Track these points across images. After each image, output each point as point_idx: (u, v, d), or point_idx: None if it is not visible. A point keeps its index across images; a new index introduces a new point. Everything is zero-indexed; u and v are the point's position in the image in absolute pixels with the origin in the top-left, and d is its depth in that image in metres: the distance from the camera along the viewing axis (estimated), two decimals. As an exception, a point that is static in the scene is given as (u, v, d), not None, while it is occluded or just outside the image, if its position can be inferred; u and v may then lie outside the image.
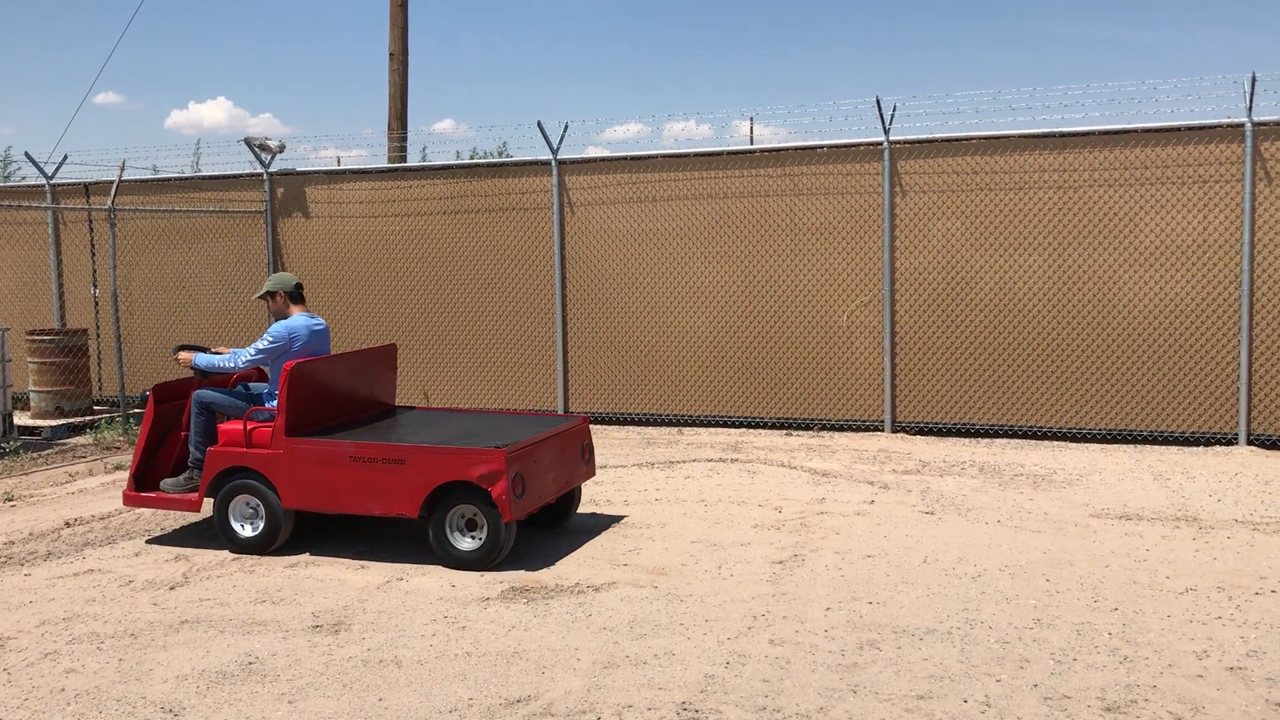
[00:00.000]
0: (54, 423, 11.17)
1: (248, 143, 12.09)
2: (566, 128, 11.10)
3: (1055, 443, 9.65)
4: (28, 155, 12.44)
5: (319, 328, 7.06)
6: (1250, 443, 9.22)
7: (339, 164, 12.72)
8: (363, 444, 6.35)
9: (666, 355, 10.95)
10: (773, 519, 7.16)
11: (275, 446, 6.49)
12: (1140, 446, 9.41)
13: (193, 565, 6.37)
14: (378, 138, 16.04)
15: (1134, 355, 9.53)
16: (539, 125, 11.01)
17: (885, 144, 10.11)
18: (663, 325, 10.93)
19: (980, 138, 9.91)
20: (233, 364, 6.83)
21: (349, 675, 4.67)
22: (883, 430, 10.27)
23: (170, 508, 6.83)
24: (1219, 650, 4.73)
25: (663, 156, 10.96)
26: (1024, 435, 9.87)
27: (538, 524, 7.02)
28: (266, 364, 6.90)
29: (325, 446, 6.43)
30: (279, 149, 12.27)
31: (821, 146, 10.40)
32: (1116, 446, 9.44)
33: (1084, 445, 9.52)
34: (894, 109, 10.06)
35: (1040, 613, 5.24)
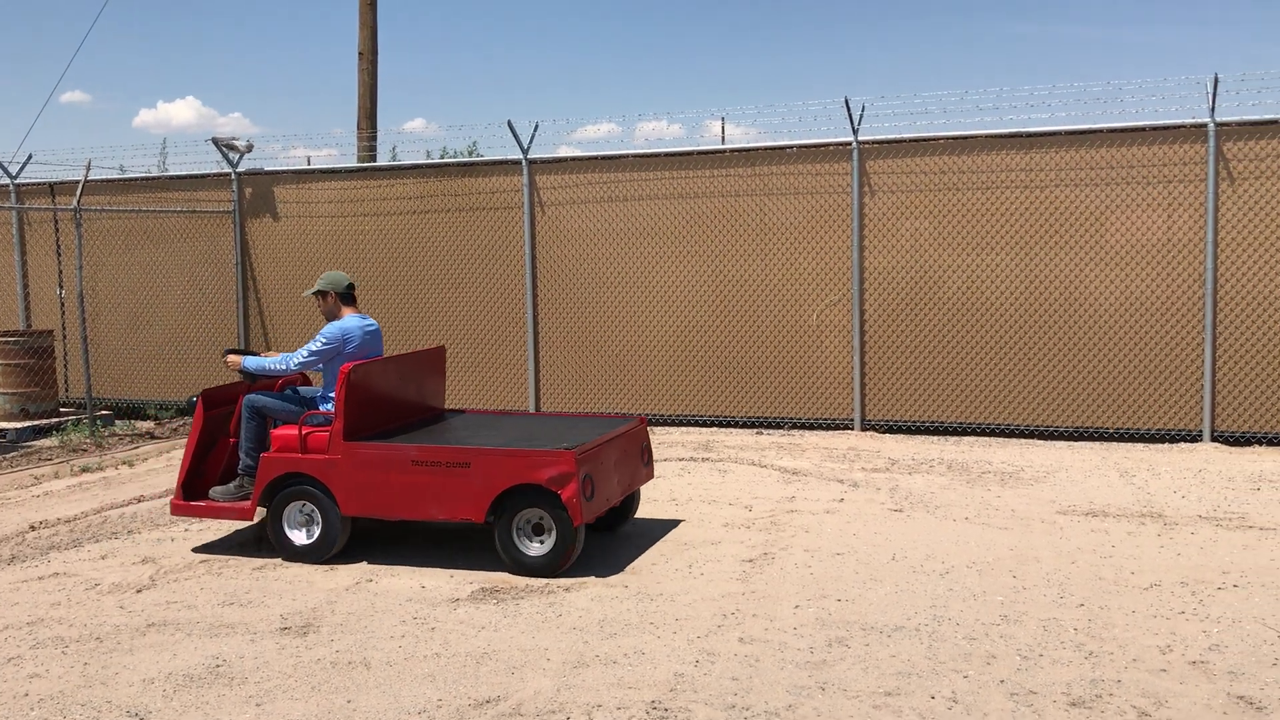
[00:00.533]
0: (19, 425, 11.05)
1: (215, 142, 12.00)
2: (537, 127, 11.10)
3: (1022, 440, 9.73)
4: (-9, 154, 12.30)
5: (372, 329, 6.87)
6: (1214, 439, 9.33)
7: (309, 163, 12.65)
8: (426, 447, 6.17)
9: (638, 354, 10.96)
10: (743, 517, 7.18)
11: (333, 451, 6.28)
12: (1106, 444, 9.50)
13: (160, 568, 6.33)
14: (347, 137, 15.96)
15: (1100, 354, 9.62)
16: (509, 125, 11.00)
17: (854, 144, 10.16)
18: (634, 324, 10.94)
19: (948, 138, 9.98)
20: (284, 367, 6.64)
21: (317, 677, 4.65)
22: (852, 429, 10.32)
23: (221, 517, 6.63)
24: (1182, 645, 4.79)
25: (633, 156, 10.96)
26: (992, 433, 9.95)
27: (594, 528, 6.82)
28: (318, 366, 6.70)
29: (386, 451, 6.22)
30: (247, 148, 12.19)
31: (791, 146, 10.44)
32: (1083, 444, 9.53)
33: (1051, 443, 9.60)
34: (862, 109, 10.11)
35: (1007, 609, 5.29)
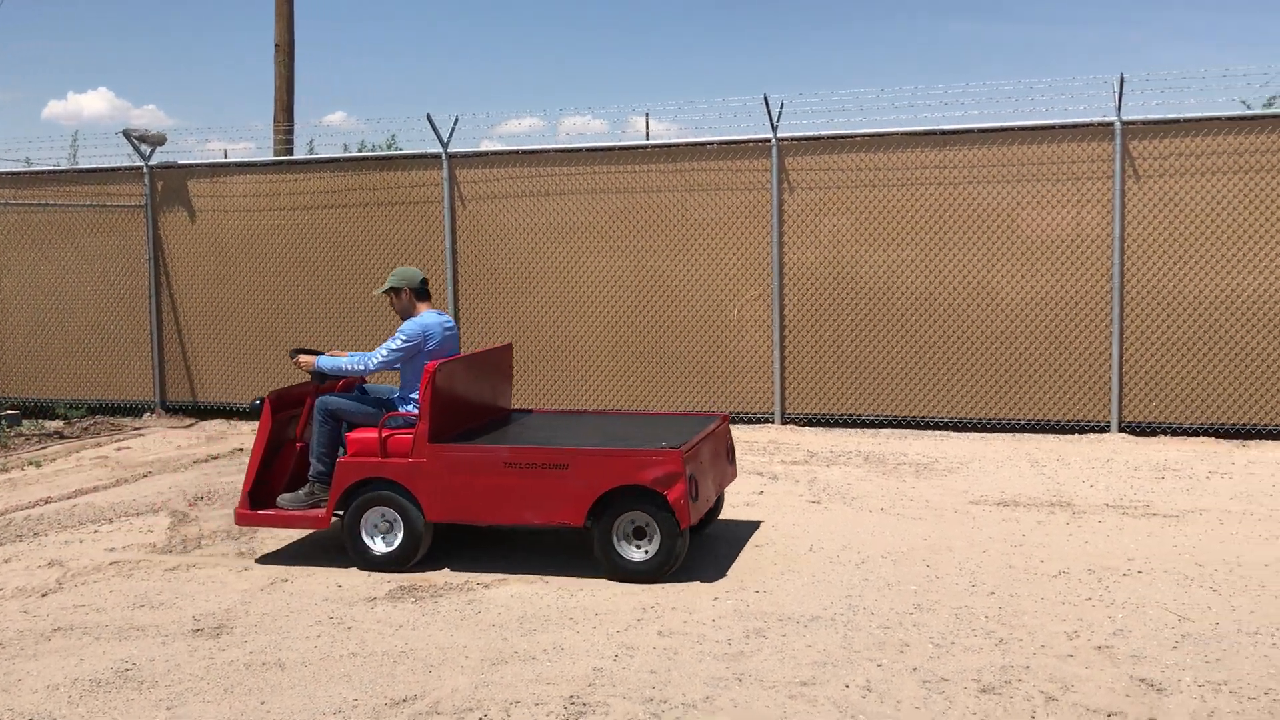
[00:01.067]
0: (-81, 426, 10.68)
1: (126, 135, 11.71)
2: (457, 121, 11.02)
3: (938, 432, 9.91)
4: (-113, 146, 11.86)
5: (450, 326, 6.55)
6: (1121, 430, 9.59)
7: (226, 157, 12.40)
8: (520, 448, 5.90)
9: (562, 350, 10.94)
10: (664, 512, 7.20)
11: (417, 455, 5.98)
12: (1019, 435, 9.72)
13: (67, 571, 6.17)
14: (266, 130, 15.65)
15: (1013, 347, 9.84)
16: (429, 118, 10.90)
17: (773, 141, 10.26)
18: (558, 319, 10.92)
19: (864, 135, 10.12)
20: (361, 367, 6.30)
21: (230, 679, 4.57)
22: (773, 422, 10.42)
23: (293, 525, 6.31)
24: (1088, 630, 4.92)
25: (555, 151, 10.94)
26: (908, 425, 10.12)
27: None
28: (396, 366, 6.39)
29: (476, 453, 5.95)
30: (159, 141, 11.92)
31: (711, 143, 10.50)
32: (996, 435, 9.74)
33: (965, 434, 9.80)
34: (781, 106, 10.21)
35: (920, 598, 5.39)
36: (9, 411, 11.39)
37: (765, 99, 10.11)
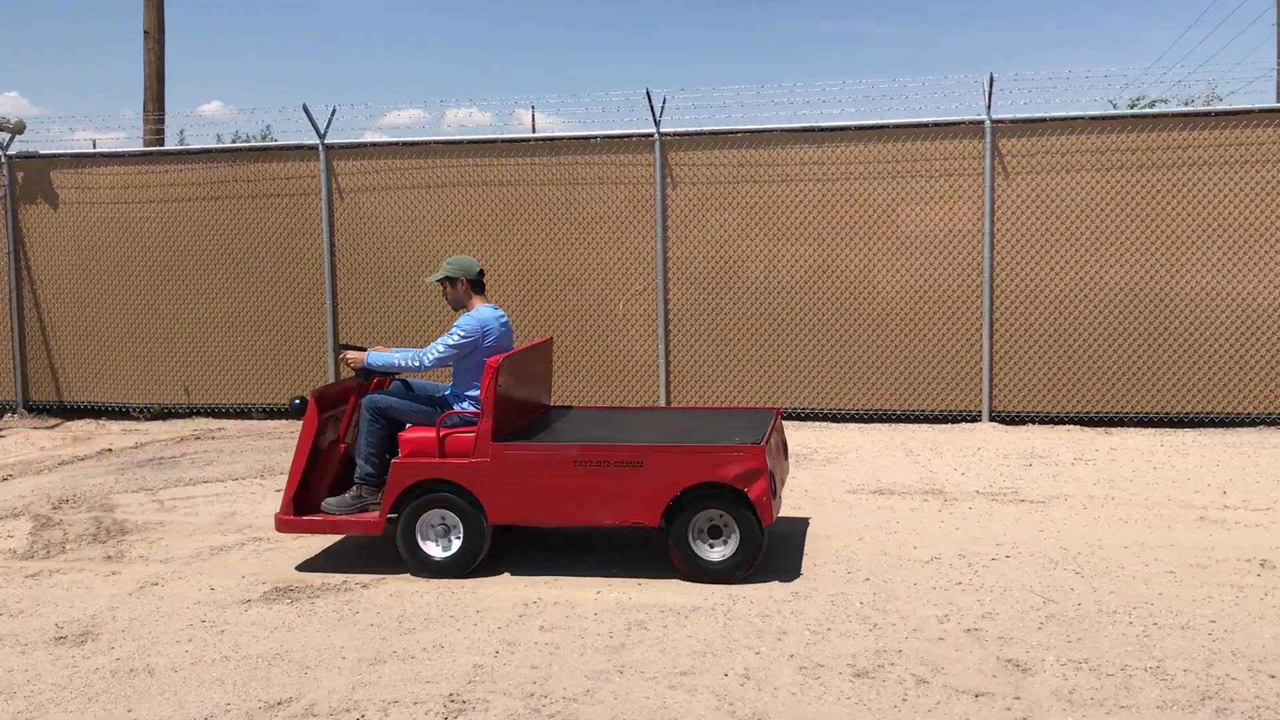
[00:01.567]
0: None
1: (-18, 122, 11.18)
2: (334, 111, 10.80)
3: (817, 423, 10.10)
4: None
5: (505, 321, 6.23)
6: (992, 419, 9.91)
7: (95, 147, 11.93)
8: (592, 445, 5.64)
9: (443, 345, 10.81)
10: (547, 507, 7.19)
11: (479, 454, 5.69)
12: (895, 425, 9.97)
13: (-82, 580, 5.87)
14: (138, 120, 15.12)
15: (890, 340, 10.08)
16: (304, 109, 10.67)
17: (656, 136, 10.31)
18: (442, 315, 10.79)
19: (745, 131, 10.24)
20: (415, 364, 5.95)
21: (95, 687, 4.41)
22: (658, 416, 10.47)
23: (341, 531, 5.91)
24: (958, 614, 5.07)
25: (437, 143, 10.81)
26: (789, 417, 10.29)
27: None
28: (450, 363, 6.06)
29: (544, 451, 5.66)
30: (19, 129, 11.42)
31: (595, 137, 10.50)
32: (874, 426, 9.97)
33: (843, 425, 10.00)
34: (664, 101, 10.27)
35: (798, 586, 5.48)
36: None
37: (648, 94, 10.16)
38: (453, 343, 5.94)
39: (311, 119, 10.72)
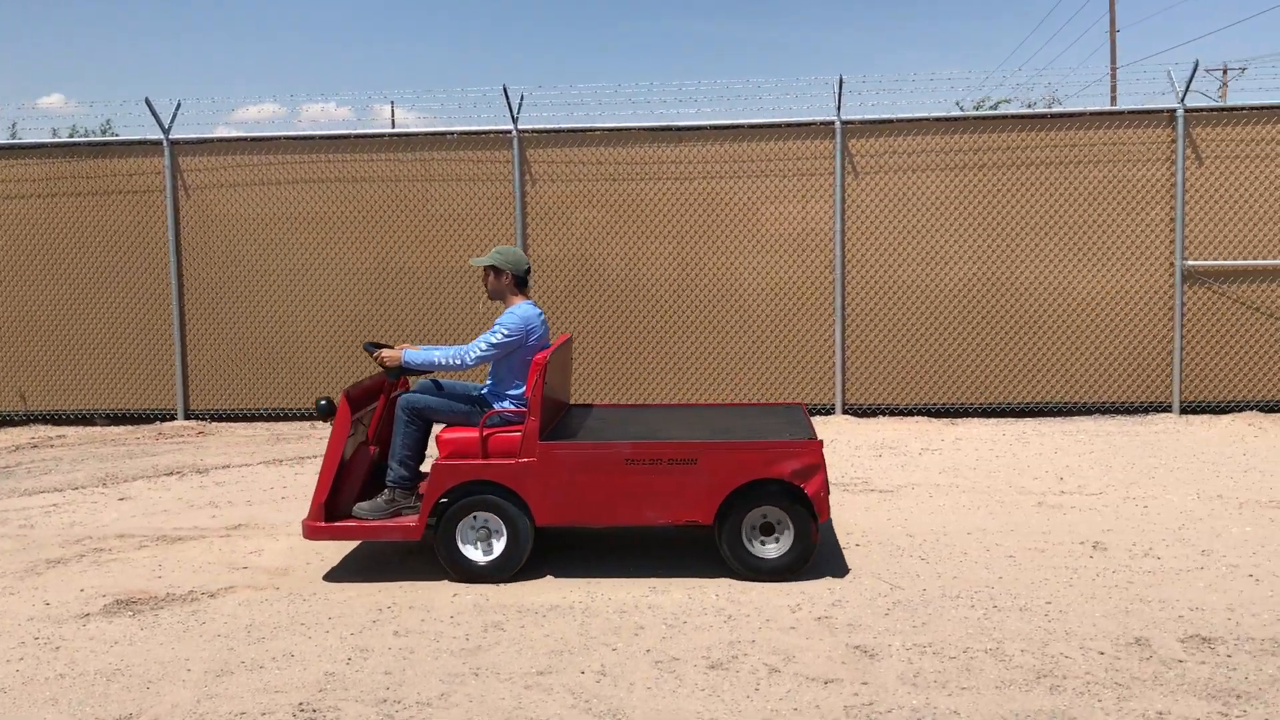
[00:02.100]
0: None
1: None
2: (179, 105, 10.43)
3: (680, 420, 10.19)
4: None
5: (544, 318, 6.01)
6: (845, 412, 10.17)
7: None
8: (645, 444, 5.49)
9: (299, 347, 10.56)
10: (405, 509, 7.09)
11: (526, 454, 5.52)
12: (754, 420, 10.13)
13: None
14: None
15: (750, 335, 10.25)
16: (147, 102, 10.26)
17: (514, 132, 10.25)
18: (295, 315, 10.53)
19: (604, 129, 10.28)
20: (457, 362, 5.69)
21: (-86, 714, 4.16)
22: (519, 415, 10.43)
23: (379, 537, 5.61)
24: (810, 603, 5.19)
25: (288, 139, 10.54)
26: (652, 414, 10.36)
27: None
28: (490, 361, 5.83)
29: (593, 450, 5.50)
30: None
31: (452, 133, 10.39)
32: (734, 421, 10.11)
33: (705, 421, 10.12)
34: (521, 98, 10.22)
35: (656, 582, 5.53)
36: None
37: (505, 90, 10.09)
38: (496, 341, 5.74)
39: (155, 113, 10.32)
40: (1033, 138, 9.97)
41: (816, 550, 5.62)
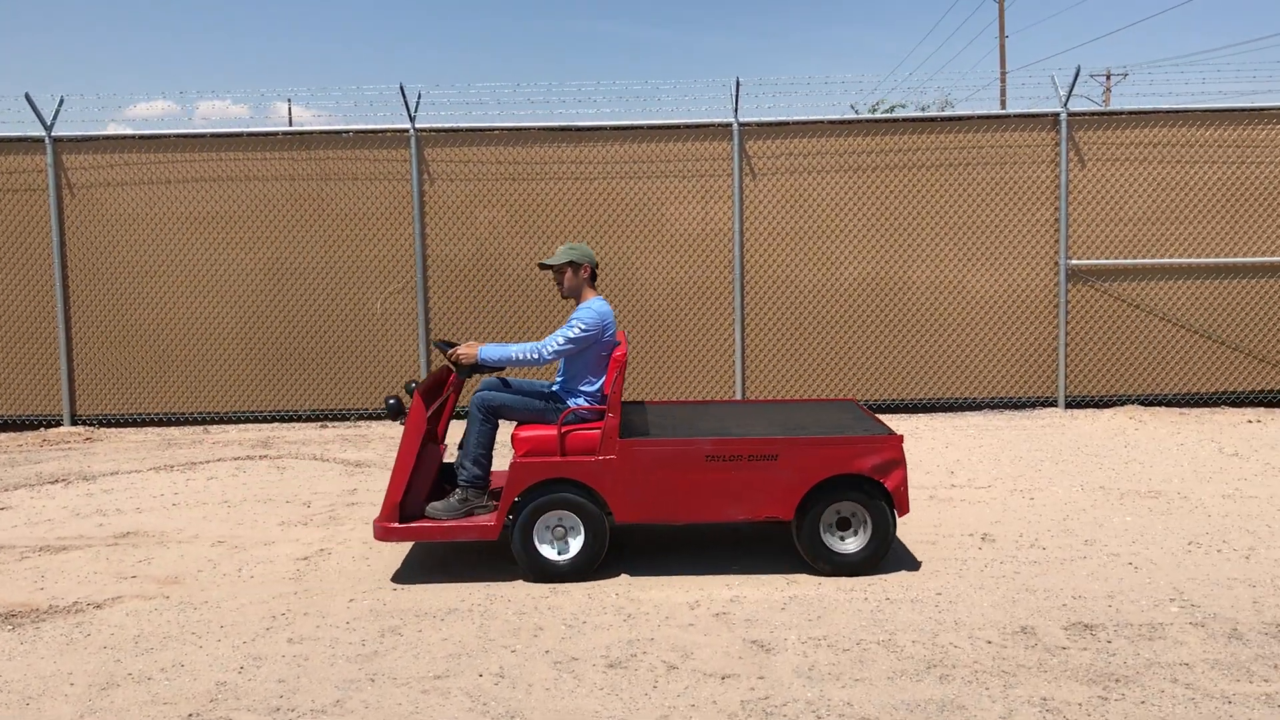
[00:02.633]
0: None
1: None
2: (62, 101, 10.09)
3: (582, 420, 10.19)
4: None
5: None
6: (747, 410, 10.29)
7: None
8: (726, 440, 5.47)
9: (190, 349, 10.30)
10: (300, 514, 6.97)
11: (605, 451, 5.46)
12: (656, 419, 10.19)
13: None
14: None
15: (655, 335, 10.30)
16: (27, 98, 9.91)
17: (411, 131, 10.15)
18: (186, 316, 10.26)
19: (504, 129, 10.23)
20: (535, 357, 5.56)
21: None
22: (420, 416, 10.32)
23: (453, 538, 5.48)
24: (709, 600, 5.24)
25: (178, 136, 10.27)
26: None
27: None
28: (566, 357, 5.73)
29: (675, 447, 5.46)
30: None
31: (348, 131, 10.24)
32: (636, 420, 10.15)
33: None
34: (419, 96, 10.12)
35: (556, 583, 5.52)
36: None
37: (401, 88, 9.98)
38: (573, 336, 5.63)
39: (36, 109, 9.97)
40: (925, 140, 10.21)
41: (889, 546, 5.66)
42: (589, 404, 5.74)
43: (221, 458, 8.78)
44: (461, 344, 5.62)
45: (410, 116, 10.10)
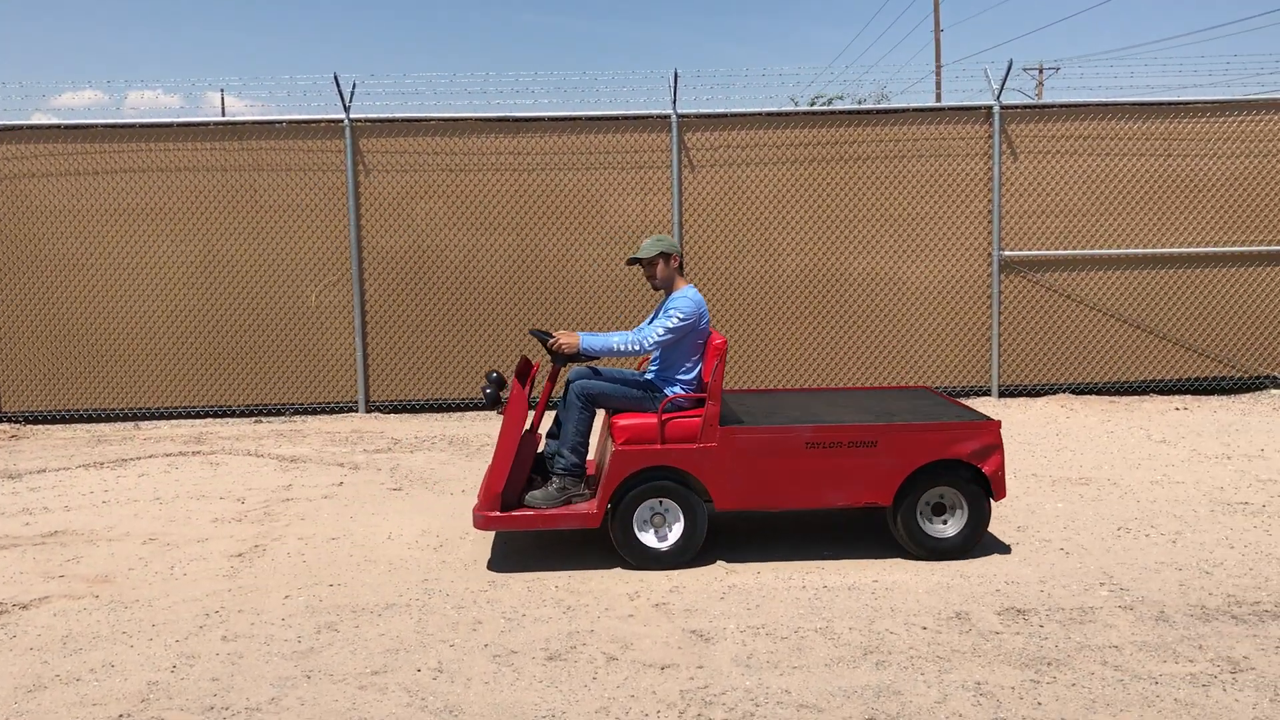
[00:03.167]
0: None
1: None
2: (-17, 90, 9.81)
3: (522, 412, 10.15)
4: None
5: None
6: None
7: None
8: (825, 427, 5.50)
9: (120, 344, 10.09)
10: (234, 511, 6.87)
11: (706, 439, 5.48)
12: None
13: None
14: None
15: (591, 326, 10.27)
16: (-53, 86, 9.63)
17: (346, 121, 10.02)
18: (115, 310, 10.05)
19: (440, 119, 10.14)
20: (635, 347, 5.55)
21: None
22: (356, 411, 10.22)
23: (554, 526, 5.47)
24: (649, 590, 5.25)
25: (106, 126, 10.04)
26: (485, 406, 10.28)
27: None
28: (662, 346, 5.70)
29: (775, 434, 5.49)
30: None
31: (281, 121, 10.08)
32: (576, 412, 10.12)
33: (549, 411, 10.11)
34: (354, 86, 10.00)
35: (495, 576, 5.50)
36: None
37: (336, 78, 9.85)
38: (672, 325, 5.64)
39: (-45, 97, 9.69)
40: (862, 133, 10.29)
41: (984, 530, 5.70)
42: (685, 392, 5.78)
43: (153, 454, 8.62)
44: (560, 333, 5.63)
45: (345, 106, 9.97)
